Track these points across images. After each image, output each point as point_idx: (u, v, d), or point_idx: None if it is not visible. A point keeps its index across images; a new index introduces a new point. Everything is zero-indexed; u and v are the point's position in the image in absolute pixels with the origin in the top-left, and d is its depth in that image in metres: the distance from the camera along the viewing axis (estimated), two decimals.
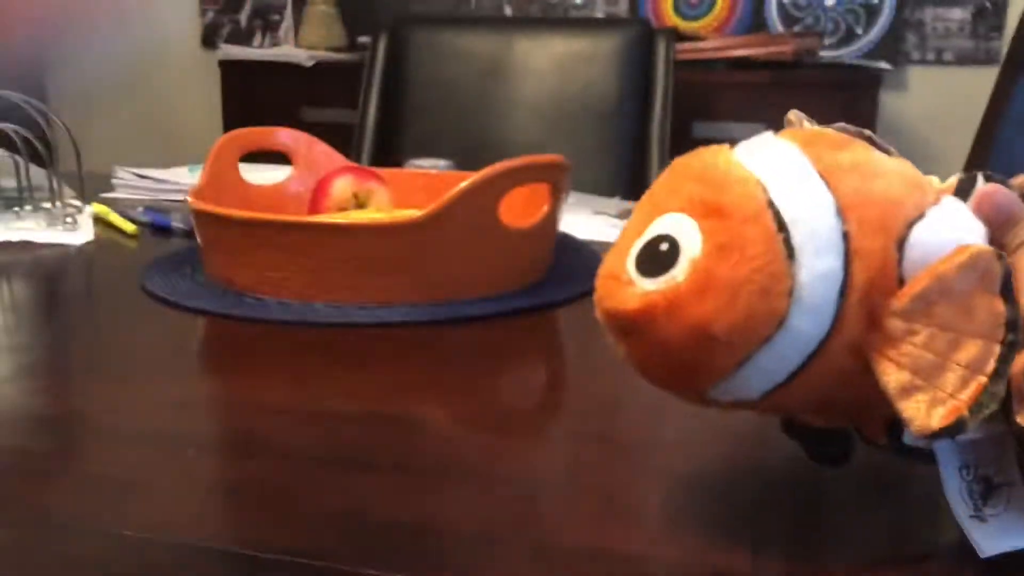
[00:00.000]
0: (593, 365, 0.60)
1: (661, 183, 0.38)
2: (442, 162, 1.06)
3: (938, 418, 0.33)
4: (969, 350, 0.34)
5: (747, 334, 0.34)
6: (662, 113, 1.64)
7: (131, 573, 0.37)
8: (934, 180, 0.39)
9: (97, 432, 0.49)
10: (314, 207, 0.85)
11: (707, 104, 1.94)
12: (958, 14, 2.16)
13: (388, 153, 1.72)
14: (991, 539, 0.36)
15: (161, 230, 0.92)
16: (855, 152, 0.38)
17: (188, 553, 0.38)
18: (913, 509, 0.41)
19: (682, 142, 2.03)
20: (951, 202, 0.37)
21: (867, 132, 0.40)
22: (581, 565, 0.37)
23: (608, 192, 1.30)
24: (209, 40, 2.60)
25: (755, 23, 2.24)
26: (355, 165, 0.90)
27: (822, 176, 0.36)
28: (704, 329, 0.34)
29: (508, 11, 2.38)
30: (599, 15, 2.32)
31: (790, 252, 0.34)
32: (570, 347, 0.65)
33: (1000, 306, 0.34)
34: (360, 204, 0.85)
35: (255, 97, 2.19)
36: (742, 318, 0.34)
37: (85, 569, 0.37)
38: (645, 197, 0.38)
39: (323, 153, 0.92)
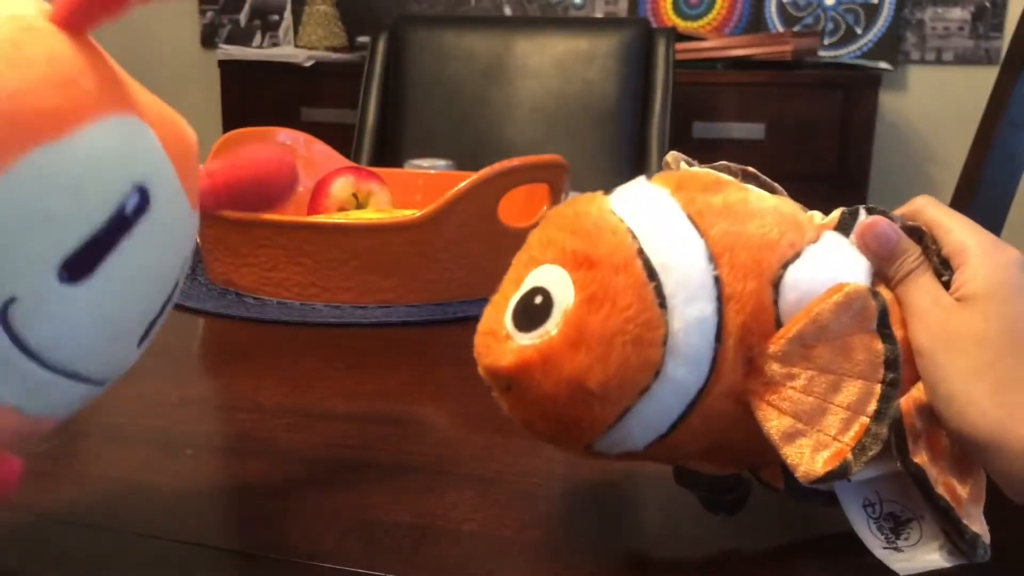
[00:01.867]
0: None
1: (537, 233, 0.37)
2: (442, 162, 1.06)
3: (822, 462, 0.33)
4: (850, 391, 0.34)
5: (623, 386, 0.33)
6: (662, 113, 1.64)
7: (131, 573, 0.37)
8: (816, 216, 0.38)
9: (97, 432, 0.49)
10: (314, 207, 0.85)
11: (707, 104, 1.94)
12: (958, 14, 2.16)
13: (388, 153, 1.72)
14: (910, 563, 0.36)
15: None
16: (728, 193, 0.37)
17: (188, 553, 0.38)
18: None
19: (682, 142, 2.03)
20: (831, 238, 0.37)
21: (751, 169, 0.39)
22: (581, 565, 0.37)
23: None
24: (208, 40, 2.60)
25: (755, 23, 2.24)
26: (355, 165, 0.90)
27: (693, 220, 0.35)
28: (579, 383, 0.33)
29: (508, 11, 2.38)
30: (599, 15, 2.32)
31: (662, 300, 0.33)
32: None
33: (878, 344, 0.34)
34: (360, 204, 0.85)
35: (254, 97, 2.19)
36: (616, 370, 0.33)
37: (85, 569, 0.37)
38: (523, 248, 0.37)
39: (323, 153, 0.92)
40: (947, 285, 0.36)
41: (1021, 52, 1.12)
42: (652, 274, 0.34)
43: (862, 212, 0.38)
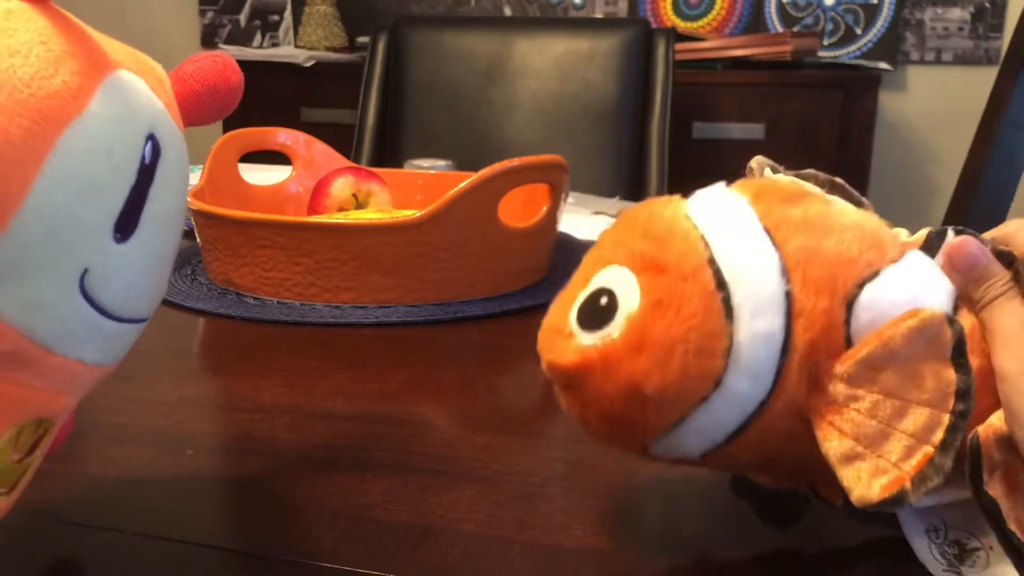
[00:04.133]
0: None
1: (609, 232, 0.37)
2: (442, 162, 1.06)
3: (879, 489, 0.32)
4: (916, 418, 0.33)
5: (681, 394, 0.33)
6: (661, 113, 1.64)
7: (131, 573, 0.37)
8: (902, 233, 0.37)
9: (97, 432, 0.49)
10: (314, 207, 0.85)
11: (706, 104, 1.94)
12: (957, 14, 2.16)
13: (388, 153, 1.72)
14: None
15: None
16: (808, 206, 0.36)
17: (188, 553, 0.38)
18: None
19: (682, 142, 2.04)
20: (915, 258, 0.36)
21: (839, 180, 0.39)
22: (581, 565, 0.37)
23: (608, 192, 1.31)
24: (208, 40, 2.60)
25: (754, 23, 2.24)
26: (355, 165, 0.90)
27: (769, 232, 0.34)
28: (637, 388, 0.33)
29: (508, 11, 2.38)
30: (598, 15, 2.32)
31: (728, 311, 0.33)
32: None
33: (950, 373, 0.33)
34: (360, 204, 0.85)
35: (254, 97, 2.18)
36: (675, 378, 0.33)
37: (85, 569, 0.37)
38: (594, 247, 0.37)
39: (323, 153, 0.92)
40: None
41: (1020, 52, 1.12)
42: (721, 284, 0.33)
43: (950, 233, 0.36)
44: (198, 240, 0.75)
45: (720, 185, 0.37)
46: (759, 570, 0.37)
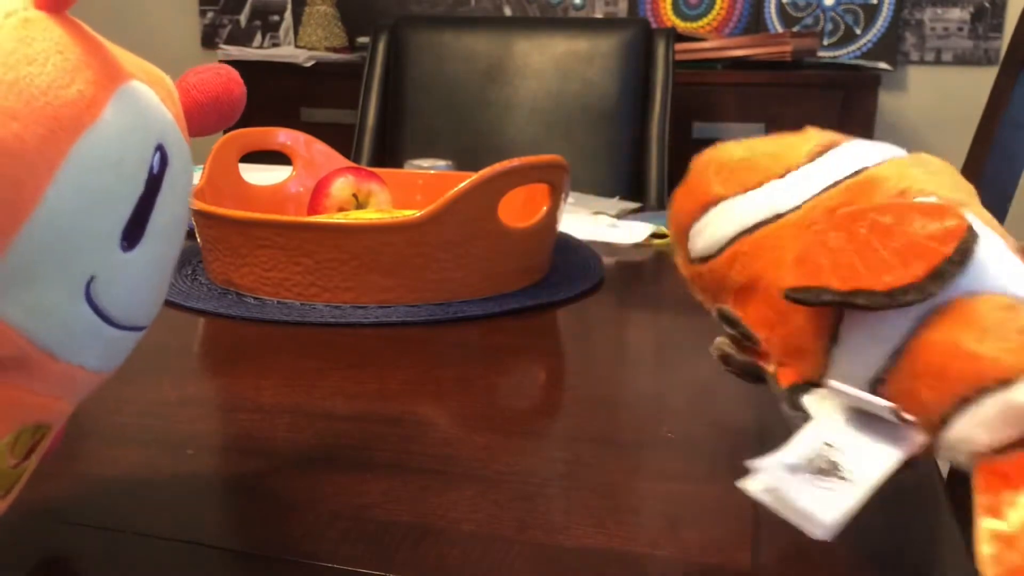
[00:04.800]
0: (592, 365, 0.60)
1: None
2: (442, 162, 1.06)
3: (922, 266, 0.32)
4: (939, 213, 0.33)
5: None
6: (661, 113, 1.64)
7: (131, 573, 0.37)
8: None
9: (97, 432, 0.49)
10: (314, 207, 0.85)
11: (706, 104, 1.94)
12: (957, 14, 2.16)
13: (388, 153, 1.72)
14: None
15: None
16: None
17: (188, 553, 0.38)
18: (910, 512, 0.41)
19: (682, 142, 2.04)
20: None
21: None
22: (581, 565, 0.37)
23: (608, 192, 1.30)
24: (209, 40, 2.60)
25: (754, 23, 2.24)
26: (355, 165, 0.90)
27: None
28: None
29: (508, 11, 2.38)
30: (598, 15, 2.32)
31: None
32: (570, 347, 0.65)
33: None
34: (360, 204, 0.85)
35: (255, 97, 2.18)
36: None
37: (85, 569, 0.37)
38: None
39: (323, 153, 0.92)
40: None
41: (1020, 52, 1.12)
42: None
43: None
44: (198, 240, 0.75)
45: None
46: (759, 570, 0.37)
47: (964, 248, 0.32)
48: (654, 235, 0.93)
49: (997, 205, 1.14)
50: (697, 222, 0.43)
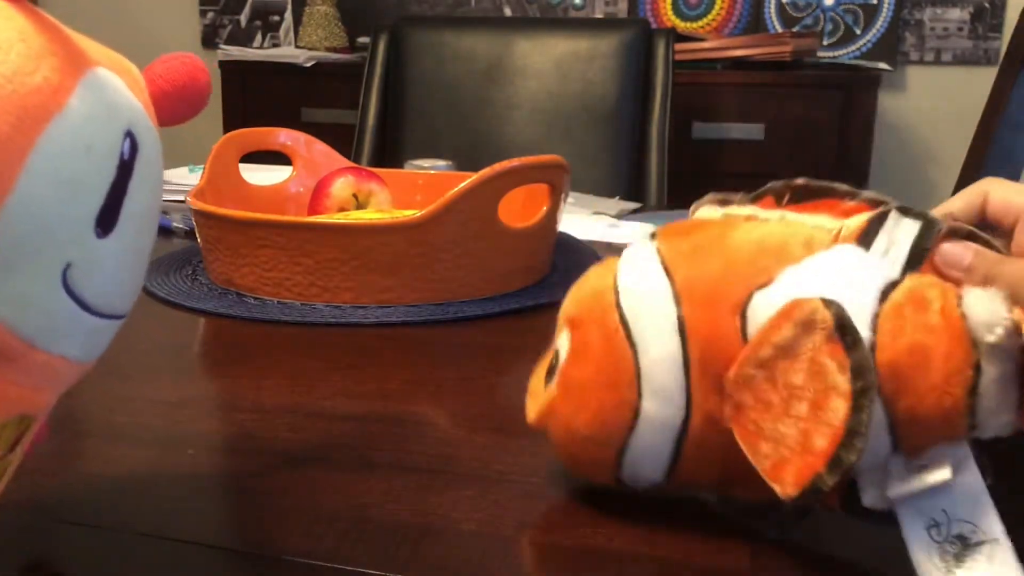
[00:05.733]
0: None
1: (566, 299, 0.41)
2: (442, 162, 1.06)
3: (792, 479, 0.32)
4: (818, 403, 0.32)
5: (607, 426, 0.37)
6: (661, 113, 1.64)
7: (131, 573, 0.37)
8: (851, 222, 0.37)
9: (97, 431, 0.49)
10: (314, 207, 0.85)
11: (706, 104, 1.94)
12: (957, 14, 2.16)
13: (388, 153, 1.72)
14: None
15: (162, 230, 0.92)
16: (700, 235, 0.39)
17: (188, 553, 0.38)
18: None
19: (682, 142, 2.03)
20: (833, 254, 0.36)
21: (839, 186, 0.38)
22: (581, 565, 0.37)
23: (608, 192, 1.31)
24: (209, 41, 2.60)
25: (754, 23, 2.24)
26: (355, 165, 0.90)
27: (666, 267, 0.38)
28: (571, 429, 0.39)
29: (508, 11, 2.38)
30: (598, 15, 2.32)
31: (631, 344, 0.37)
32: None
33: (839, 354, 0.32)
34: (360, 204, 0.85)
35: (255, 97, 2.19)
36: (595, 413, 0.37)
37: (86, 569, 0.37)
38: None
39: (323, 153, 0.92)
40: None
41: (1019, 53, 1.12)
42: (624, 322, 0.37)
43: (891, 217, 0.36)
44: (199, 240, 0.75)
45: (648, 232, 0.41)
46: (759, 570, 0.37)
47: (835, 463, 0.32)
48: (654, 235, 0.93)
49: None
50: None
